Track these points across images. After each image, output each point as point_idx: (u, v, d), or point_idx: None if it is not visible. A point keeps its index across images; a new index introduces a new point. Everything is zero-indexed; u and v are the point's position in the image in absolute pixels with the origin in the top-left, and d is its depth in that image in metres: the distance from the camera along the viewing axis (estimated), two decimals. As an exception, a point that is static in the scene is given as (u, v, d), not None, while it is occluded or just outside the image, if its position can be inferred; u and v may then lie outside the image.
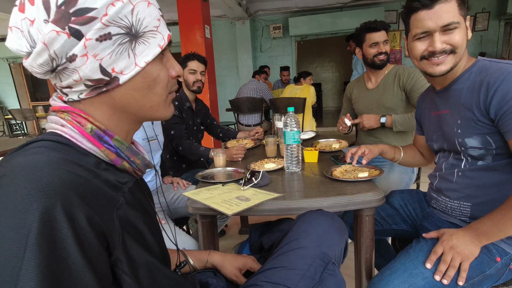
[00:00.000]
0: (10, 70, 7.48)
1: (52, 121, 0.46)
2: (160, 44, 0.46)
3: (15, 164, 0.35)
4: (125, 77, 0.44)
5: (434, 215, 1.00)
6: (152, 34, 0.46)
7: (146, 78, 0.46)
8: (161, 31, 0.47)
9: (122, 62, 0.44)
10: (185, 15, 3.42)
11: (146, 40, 0.45)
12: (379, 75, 1.63)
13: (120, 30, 0.43)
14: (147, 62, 0.45)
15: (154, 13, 0.46)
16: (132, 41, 0.44)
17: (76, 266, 0.34)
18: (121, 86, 0.45)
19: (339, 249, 0.67)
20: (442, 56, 0.83)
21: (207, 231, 1.01)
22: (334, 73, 9.62)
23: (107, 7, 0.41)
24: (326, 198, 0.92)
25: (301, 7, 5.87)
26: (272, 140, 1.51)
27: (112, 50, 0.43)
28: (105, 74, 0.43)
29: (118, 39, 0.43)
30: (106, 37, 0.42)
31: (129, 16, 0.43)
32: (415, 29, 0.84)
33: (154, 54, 0.46)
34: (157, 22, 0.46)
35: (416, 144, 1.19)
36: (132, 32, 0.44)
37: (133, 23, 0.44)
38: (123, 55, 0.44)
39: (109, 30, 0.42)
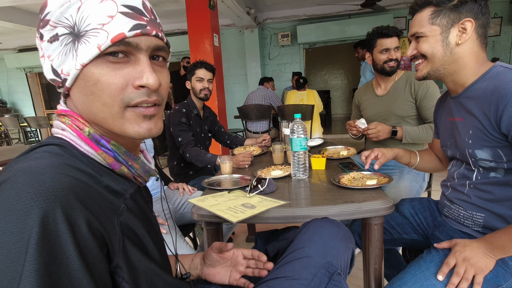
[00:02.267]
0: (26, 79, 7.74)
1: (55, 125, 0.47)
2: (99, 44, 0.40)
3: (17, 169, 0.36)
4: (69, 80, 0.43)
5: (446, 224, 0.97)
6: (94, 32, 0.40)
7: (86, 83, 0.42)
8: (109, 29, 0.40)
9: (67, 64, 0.42)
10: (194, 24, 3.48)
11: (87, 39, 0.41)
12: (388, 81, 1.61)
13: (65, 30, 0.41)
14: (82, 64, 0.41)
15: (106, 9, 0.41)
16: (75, 41, 0.41)
17: (75, 272, 0.34)
18: (71, 89, 0.44)
19: (345, 259, 0.65)
20: (416, 62, 0.90)
21: (212, 238, 1.00)
22: (343, 80, 9.58)
23: (58, 9, 0.41)
24: (333, 206, 0.91)
25: (309, 15, 5.91)
26: (279, 147, 1.50)
27: (60, 51, 0.42)
28: (56, 75, 0.43)
29: (64, 40, 0.42)
30: (55, 38, 0.42)
31: (74, 15, 0.41)
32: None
33: (90, 56, 0.40)
34: (107, 19, 0.41)
35: (433, 148, 1.15)
36: (75, 31, 0.41)
37: (76, 21, 0.40)
38: (68, 56, 0.42)
39: (57, 31, 0.42)
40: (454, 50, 0.82)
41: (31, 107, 7.91)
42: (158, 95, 0.45)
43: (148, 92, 0.43)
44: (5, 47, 7.14)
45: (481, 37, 0.82)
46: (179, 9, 4.85)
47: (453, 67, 0.84)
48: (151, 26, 0.44)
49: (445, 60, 0.83)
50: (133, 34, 0.41)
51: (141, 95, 0.43)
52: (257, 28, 6.09)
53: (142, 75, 0.42)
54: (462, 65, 0.83)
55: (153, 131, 0.46)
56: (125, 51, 0.42)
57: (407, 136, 1.47)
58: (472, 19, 0.79)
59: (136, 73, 0.43)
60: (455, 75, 0.85)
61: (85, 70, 0.41)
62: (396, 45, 1.50)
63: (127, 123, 0.44)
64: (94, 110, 0.43)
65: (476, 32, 0.81)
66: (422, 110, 1.50)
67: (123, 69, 0.42)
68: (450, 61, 0.83)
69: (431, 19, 0.83)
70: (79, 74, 0.42)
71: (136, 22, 0.42)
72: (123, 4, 0.42)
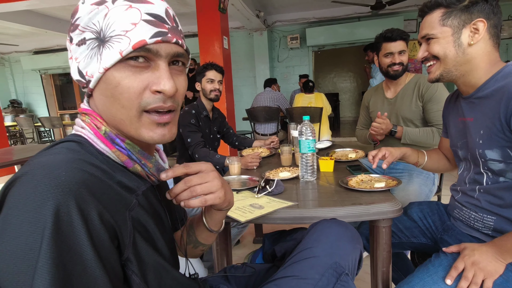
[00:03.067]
0: (41, 80, 7.95)
1: (76, 123, 0.49)
2: (121, 50, 0.42)
3: (36, 163, 0.38)
4: (92, 82, 0.45)
5: (455, 228, 0.96)
6: (117, 38, 0.42)
7: (108, 85, 0.44)
8: (131, 36, 0.42)
9: (92, 66, 0.44)
10: (204, 27, 3.53)
11: (111, 44, 0.43)
12: (398, 84, 1.60)
13: (92, 35, 0.44)
14: (105, 68, 0.43)
15: (130, 17, 0.43)
16: (100, 46, 0.43)
17: (89, 262, 0.36)
18: (94, 90, 0.46)
19: (353, 259, 0.65)
20: (428, 64, 0.90)
21: (220, 238, 1.01)
22: (352, 83, 9.52)
23: (87, 15, 0.44)
24: (341, 207, 0.91)
25: (319, 18, 5.91)
26: (287, 149, 1.51)
27: (86, 54, 0.45)
28: (82, 76, 0.46)
29: (91, 44, 0.44)
30: (82, 42, 0.44)
31: (101, 21, 0.43)
32: None
33: (113, 60, 0.43)
34: (130, 26, 0.42)
35: (442, 147, 1.14)
36: (101, 36, 0.43)
37: (102, 27, 0.43)
38: (93, 59, 0.44)
39: (84, 36, 0.44)
40: (466, 51, 0.82)
41: (45, 107, 8.12)
42: (173, 101, 0.47)
43: (164, 98, 0.45)
44: (21, 49, 7.36)
45: (494, 37, 0.82)
46: (189, 12, 4.91)
47: (466, 68, 0.84)
48: (172, 33, 0.45)
49: (457, 61, 0.83)
50: (154, 41, 0.43)
51: (157, 100, 0.45)
52: (266, 30, 6.12)
53: (160, 81, 0.44)
54: (475, 65, 0.82)
55: (166, 137, 0.48)
56: (146, 56, 0.44)
57: (406, 137, 1.45)
58: (484, 19, 0.79)
59: (154, 78, 0.44)
60: (467, 76, 0.85)
61: (107, 74, 0.44)
62: (400, 49, 1.49)
63: (143, 127, 0.46)
64: (113, 112, 0.46)
65: (488, 32, 0.81)
66: (426, 113, 1.49)
67: (143, 73, 0.44)
68: (463, 61, 0.83)
69: (442, 21, 0.83)
70: (101, 77, 0.44)
71: (157, 29, 0.44)
72: (147, 12, 0.43)
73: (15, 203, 0.35)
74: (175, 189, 0.52)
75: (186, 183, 0.51)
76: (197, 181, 0.52)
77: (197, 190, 0.52)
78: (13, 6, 3.96)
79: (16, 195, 0.35)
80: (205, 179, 0.53)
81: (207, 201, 0.53)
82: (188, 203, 0.52)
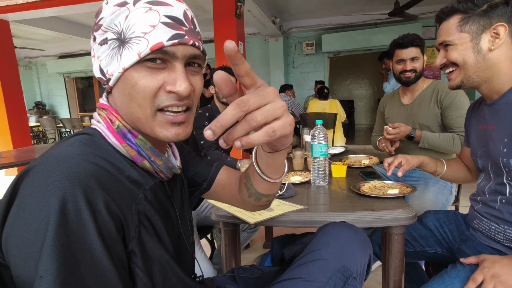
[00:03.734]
0: (64, 83, 8.31)
1: (94, 116, 0.52)
2: (139, 51, 0.43)
3: (50, 155, 0.40)
4: (112, 80, 0.47)
5: (474, 238, 0.92)
6: (137, 40, 0.44)
7: (126, 85, 0.46)
8: (150, 38, 0.44)
9: (112, 66, 0.46)
10: (221, 33, 3.59)
11: (131, 45, 0.44)
12: (415, 90, 1.57)
13: (113, 35, 0.46)
14: (124, 68, 0.45)
15: (149, 19, 0.44)
16: (121, 46, 0.45)
17: (97, 251, 0.37)
18: (113, 88, 0.48)
19: (362, 264, 0.64)
20: (447, 71, 0.88)
21: (229, 240, 1.01)
22: (367, 90, 9.38)
23: (110, 16, 0.46)
24: (352, 212, 0.89)
25: (335, 24, 5.89)
26: (299, 154, 1.51)
27: (107, 54, 0.47)
28: (103, 74, 0.48)
29: (112, 44, 0.46)
30: (104, 42, 0.46)
31: (122, 22, 0.45)
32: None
33: (131, 61, 0.44)
34: (149, 28, 0.44)
35: (463, 157, 1.10)
36: (121, 37, 0.45)
37: (123, 28, 0.44)
38: (114, 59, 0.46)
39: (106, 36, 0.46)
40: (487, 56, 0.80)
41: (67, 109, 8.45)
42: (189, 98, 0.48)
43: (178, 97, 0.46)
44: (48, 54, 7.72)
45: None
46: (206, 18, 5.02)
47: (487, 74, 0.81)
48: (189, 35, 0.47)
49: (478, 67, 0.81)
50: (171, 44, 0.44)
51: (171, 98, 0.46)
52: (281, 36, 6.16)
53: (176, 82, 0.45)
54: (497, 71, 0.80)
55: (181, 136, 0.49)
56: (163, 58, 0.45)
57: (425, 141, 1.41)
58: (505, 23, 0.77)
59: (170, 79, 0.46)
60: (489, 82, 0.82)
61: (126, 73, 0.45)
62: (412, 56, 1.46)
63: (158, 126, 0.47)
64: (131, 110, 0.47)
65: (510, 36, 0.78)
66: (445, 119, 1.44)
67: (159, 74, 0.46)
68: (484, 67, 0.80)
69: (459, 27, 0.81)
70: (120, 76, 0.46)
71: (175, 32, 0.45)
72: (165, 15, 0.45)
73: (28, 191, 0.37)
74: (222, 121, 0.33)
75: (240, 106, 0.32)
76: (255, 102, 0.33)
77: (257, 117, 0.33)
78: (41, 13, 4.18)
79: (29, 184, 0.37)
80: (265, 99, 0.34)
81: (276, 132, 0.35)
82: (249, 140, 0.33)
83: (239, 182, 0.67)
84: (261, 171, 0.53)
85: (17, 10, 4.05)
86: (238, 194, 0.67)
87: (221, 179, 0.71)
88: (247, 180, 0.61)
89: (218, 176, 0.71)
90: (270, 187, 0.58)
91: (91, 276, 0.36)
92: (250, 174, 0.61)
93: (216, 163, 0.73)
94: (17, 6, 4.01)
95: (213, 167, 0.71)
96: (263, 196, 0.62)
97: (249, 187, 0.61)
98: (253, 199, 0.63)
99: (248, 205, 0.68)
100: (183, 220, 0.60)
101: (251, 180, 0.60)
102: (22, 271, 0.35)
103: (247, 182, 0.62)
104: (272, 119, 0.34)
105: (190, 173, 0.70)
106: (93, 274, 0.36)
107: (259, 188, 0.60)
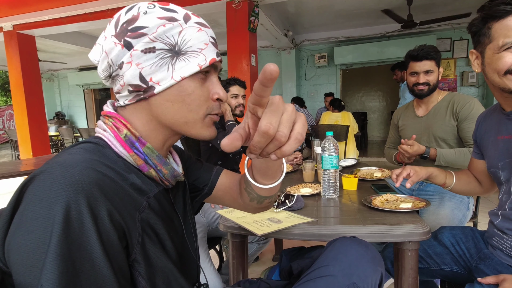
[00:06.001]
0: (83, 95, 8.64)
1: (98, 125, 0.52)
2: (200, 64, 0.49)
3: (55, 162, 0.40)
4: (160, 88, 0.49)
5: (493, 257, 0.87)
6: (195, 54, 0.49)
7: (181, 92, 0.49)
8: (206, 53, 0.50)
9: (160, 74, 0.48)
10: (234, 45, 3.67)
11: (187, 58, 0.49)
12: (430, 102, 1.54)
13: (165, 46, 0.48)
14: (182, 77, 0.48)
15: (202, 37, 0.50)
16: (174, 57, 0.48)
17: (97, 260, 0.37)
18: (156, 95, 0.49)
19: (373, 282, 0.61)
20: None
21: (237, 251, 1.00)
22: (381, 102, 9.27)
23: (158, 27, 0.48)
24: (363, 226, 0.87)
25: (347, 37, 5.92)
26: (310, 165, 1.49)
27: (153, 62, 0.48)
28: (143, 81, 0.49)
29: (161, 53, 0.48)
30: (151, 50, 0.48)
31: (175, 36, 0.48)
32: (503, 38, 0.74)
33: (191, 71, 0.49)
34: (204, 45, 0.50)
35: (472, 169, 1.06)
36: (175, 49, 0.48)
37: (178, 42, 0.48)
38: (163, 67, 0.48)
39: (154, 45, 0.48)
40: None
41: (85, 119, 8.75)
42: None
43: (219, 104, 0.54)
44: (69, 66, 8.09)
45: None
46: (218, 32, 5.15)
47: None
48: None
49: None
50: (218, 60, 0.52)
51: (217, 107, 0.54)
52: (294, 49, 6.22)
53: (218, 91, 0.53)
54: None
55: (213, 134, 0.56)
56: (209, 71, 0.52)
57: (441, 159, 1.37)
58: None
59: (213, 88, 0.53)
60: None
61: (183, 82, 0.49)
62: (426, 69, 1.44)
63: (205, 127, 0.53)
64: (178, 116, 0.51)
65: None
66: (462, 132, 1.40)
67: (205, 84, 0.52)
68: None
69: None
70: (174, 84, 0.49)
71: (217, 50, 0.53)
72: (211, 36, 0.52)
73: (32, 198, 0.37)
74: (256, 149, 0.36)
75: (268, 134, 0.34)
76: (276, 121, 0.35)
77: (284, 131, 0.35)
78: (65, 28, 4.41)
79: (33, 191, 0.37)
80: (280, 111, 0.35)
81: (302, 135, 0.36)
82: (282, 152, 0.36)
83: (239, 186, 0.68)
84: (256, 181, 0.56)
85: (43, 26, 4.29)
86: (239, 198, 0.68)
87: (222, 183, 0.72)
88: (247, 185, 0.62)
89: (219, 180, 0.72)
90: (271, 189, 0.59)
91: (90, 285, 0.36)
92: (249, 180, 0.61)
93: (216, 168, 0.73)
94: (43, 22, 4.25)
95: (214, 172, 0.72)
96: (265, 198, 0.63)
97: (250, 191, 0.62)
98: (255, 202, 0.65)
99: (250, 208, 0.69)
100: (186, 226, 0.60)
101: (251, 186, 0.60)
102: (24, 279, 0.35)
103: (247, 187, 0.62)
104: (292, 125, 0.36)
105: (191, 178, 0.70)
106: (93, 283, 0.36)
107: (261, 192, 0.61)
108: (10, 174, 1.96)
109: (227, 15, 3.63)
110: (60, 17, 4.12)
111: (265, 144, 0.35)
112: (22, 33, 4.42)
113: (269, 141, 0.35)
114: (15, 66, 4.43)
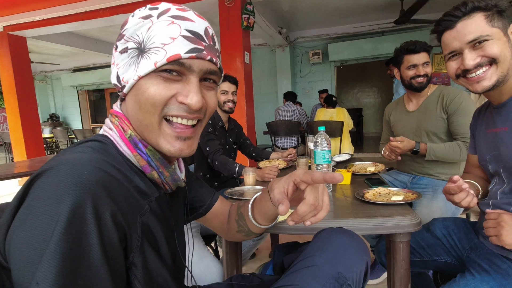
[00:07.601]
0: (77, 96, 8.56)
1: (105, 123, 0.52)
2: (156, 61, 0.45)
3: (63, 159, 0.40)
4: (126, 88, 0.48)
5: (484, 247, 0.88)
6: (155, 50, 0.45)
7: (138, 91, 0.47)
8: (167, 49, 0.45)
9: (128, 73, 0.47)
10: (227, 44, 3.66)
11: (149, 55, 0.45)
12: (420, 96, 1.54)
13: (134, 45, 0.47)
14: (139, 76, 0.46)
15: (171, 31, 0.45)
16: (139, 55, 0.46)
17: (95, 261, 0.36)
18: (127, 95, 0.49)
19: (358, 271, 0.61)
20: (480, 72, 0.78)
21: (230, 248, 1.00)
22: (376, 98, 9.31)
23: (133, 26, 0.47)
24: (355, 219, 0.87)
25: (341, 34, 5.92)
26: (304, 161, 1.49)
27: (126, 62, 0.48)
28: (118, 81, 0.49)
29: (131, 53, 0.47)
30: (125, 50, 0.48)
31: (143, 33, 0.46)
32: (444, 51, 0.87)
33: (147, 70, 0.45)
34: (169, 40, 0.45)
35: (471, 165, 1.06)
36: (141, 47, 0.46)
37: (144, 39, 0.46)
38: (131, 67, 0.47)
39: (127, 45, 0.48)
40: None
41: (79, 121, 8.68)
42: (200, 112, 0.49)
43: (188, 109, 0.47)
44: (62, 68, 8.01)
45: None
46: (214, 31, 5.13)
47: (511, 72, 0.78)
48: (207, 51, 0.48)
49: (511, 63, 0.77)
50: (188, 56, 0.46)
51: (181, 109, 0.47)
52: (288, 46, 6.22)
53: (188, 94, 0.46)
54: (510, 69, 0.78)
55: (184, 152, 0.49)
56: (179, 70, 0.46)
57: (431, 154, 1.38)
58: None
59: (183, 90, 0.47)
60: (506, 82, 0.79)
61: (140, 81, 0.46)
62: (424, 61, 1.44)
63: (162, 137, 0.48)
64: (140, 117, 0.48)
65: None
66: (450, 125, 1.41)
67: (173, 85, 0.47)
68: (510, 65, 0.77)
69: (489, 22, 0.77)
70: (135, 84, 0.47)
71: (194, 46, 0.46)
72: (187, 29, 0.46)
73: (38, 194, 0.36)
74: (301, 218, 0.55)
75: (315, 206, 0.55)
76: (317, 197, 0.54)
77: (320, 203, 0.55)
78: (57, 29, 4.36)
79: (40, 187, 0.37)
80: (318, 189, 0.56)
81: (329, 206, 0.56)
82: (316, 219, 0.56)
83: (229, 216, 0.73)
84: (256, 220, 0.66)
85: (34, 26, 4.23)
86: (226, 225, 0.73)
87: (217, 208, 0.76)
88: (240, 218, 0.68)
89: (215, 205, 0.76)
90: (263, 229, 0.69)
91: (86, 285, 0.36)
92: (244, 215, 0.69)
93: (215, 192, 0.78)
94: (34, 23, 4.19)
95: (213, 196, 0.76)
96: (253, 234, 0.71)
97: (242, 225, 0.69)
98: (241, 234, 0.71)
99: (233, 237, 0.72)
100: (178, 233, 0.60)
101: (245, 220, 0.68)
102: (21, 275, 0.34)
103: (240, 220, 0.68)
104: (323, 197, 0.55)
105: (190, 195, 0.71)
106: (89, 283, 0.36)
107: (254, 229, 0.69)
108: (4, 177, 1.95)
109: (220, 14, 3.62)
110: (51, 17, 4.07)
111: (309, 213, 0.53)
112: (12, 34, 4.36)
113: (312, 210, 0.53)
114: (7, 68, 4.38)
